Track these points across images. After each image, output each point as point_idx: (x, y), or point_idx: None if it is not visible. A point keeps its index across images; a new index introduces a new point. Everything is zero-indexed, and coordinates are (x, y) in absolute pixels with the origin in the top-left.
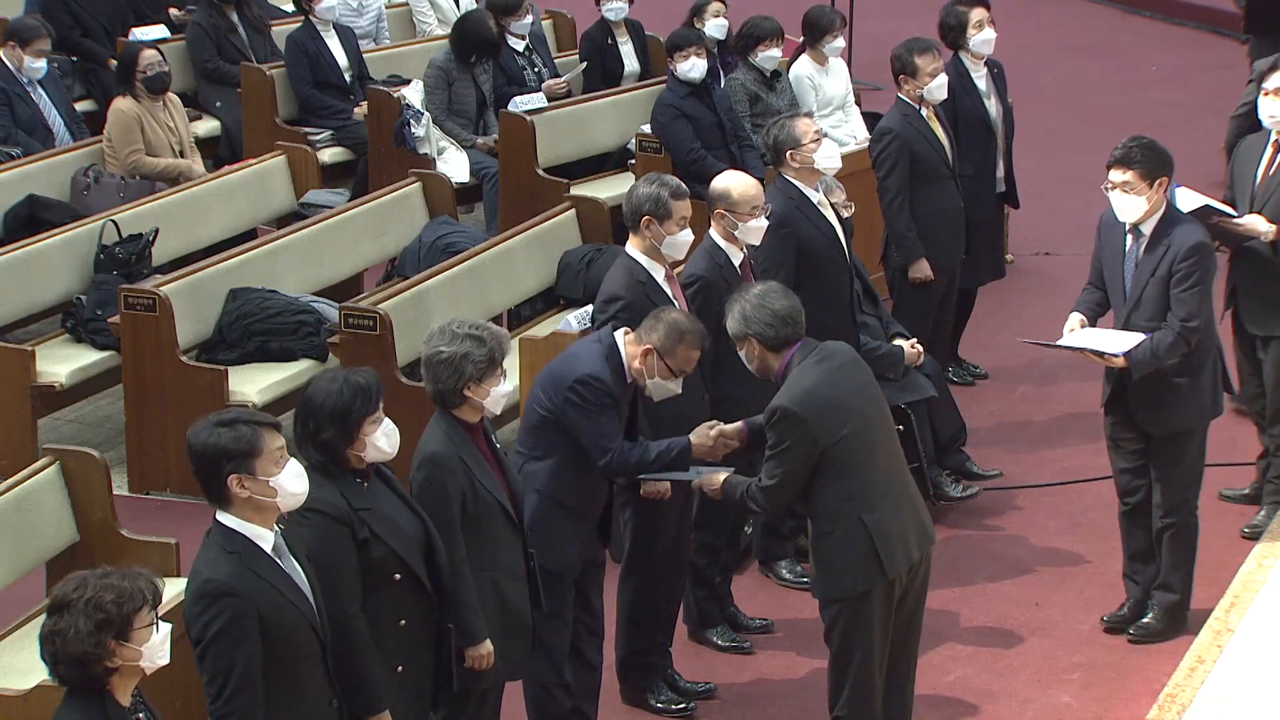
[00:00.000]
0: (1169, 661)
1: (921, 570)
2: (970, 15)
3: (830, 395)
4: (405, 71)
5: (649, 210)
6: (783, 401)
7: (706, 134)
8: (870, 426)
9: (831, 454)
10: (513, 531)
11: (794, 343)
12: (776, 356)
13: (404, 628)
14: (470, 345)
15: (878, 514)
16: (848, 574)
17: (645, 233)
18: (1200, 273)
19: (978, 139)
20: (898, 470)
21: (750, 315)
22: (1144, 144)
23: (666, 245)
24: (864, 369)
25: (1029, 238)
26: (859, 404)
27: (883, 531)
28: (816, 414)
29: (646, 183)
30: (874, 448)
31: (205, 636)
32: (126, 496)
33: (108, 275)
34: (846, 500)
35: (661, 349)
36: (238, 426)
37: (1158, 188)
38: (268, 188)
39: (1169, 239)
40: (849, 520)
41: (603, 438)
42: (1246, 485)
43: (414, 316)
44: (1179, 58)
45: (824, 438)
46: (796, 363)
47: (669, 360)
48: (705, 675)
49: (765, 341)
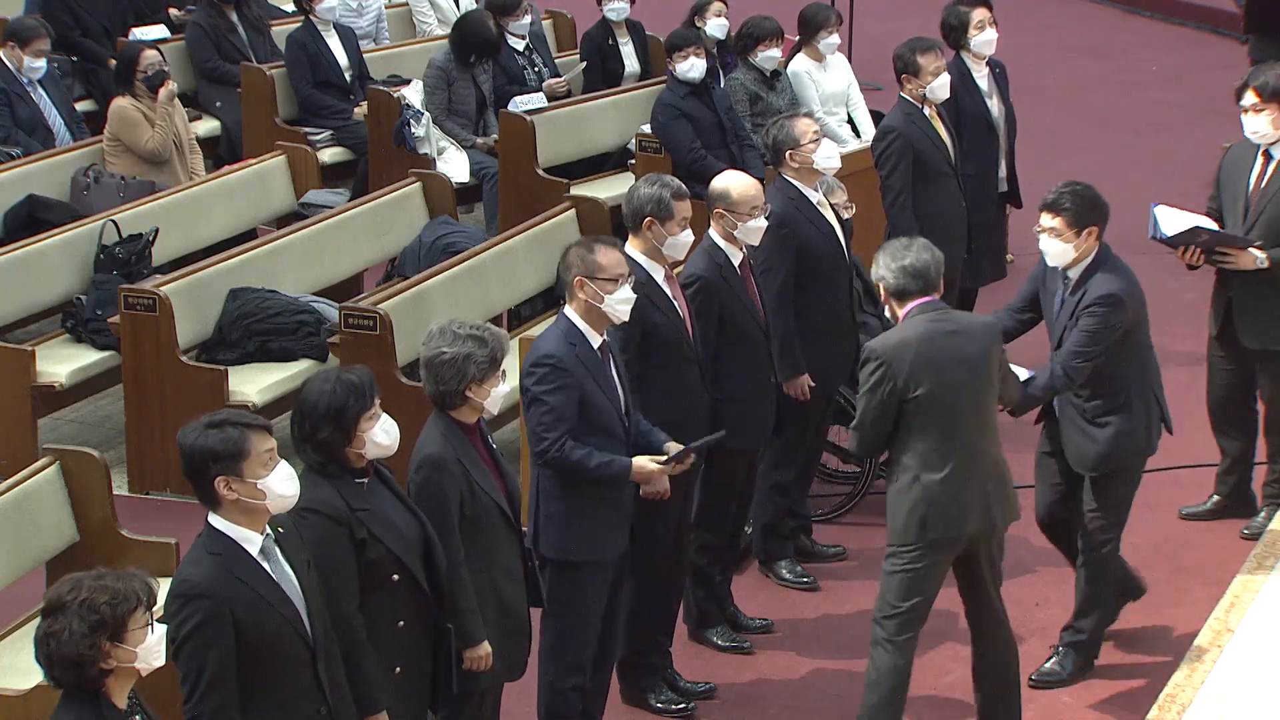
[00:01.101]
0: (1170, 661)
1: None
2: (972, 16)
3: (921, 351)
4: (405, 71)
5: (651, 211)
6: (873, 343)
7: (706, 134)
8: (957, 393)
9: (909, 406)
10: (510, 532)
11: (917, 297)
12: (900, 305)
13: (402, 629)
14: (473, 346)
15: (936, 478)
16: (900, 525)
17: (646, 233)
18: (1099, 320)
19: (980, 139)
20: (984, 445)
21: (884, 261)
22: (1076, 190)
23: (668, 246)
24: (980, 342)
25: (1030, 238)
26: (951, 368)
27: (934, 495)
28: (899, 362)
29: (648, 183)
30: (958, 416)
31: (178, 637)
32: (126, 496)
33: (108, 275)
34: (915, 458)
35: (586, 271)
36: (226, 428)
37: (1086, 235)
38: (268, 188)
39: (1087, 286)
40: (909, 477)
41: (543, 425)
42: (1208, 500)
43: (414, 316)
44: (1179, 58)
45: (904, 385)
46: (913, 315)
47: (599, 275)
48: (705, 675)
49: (888, 288)
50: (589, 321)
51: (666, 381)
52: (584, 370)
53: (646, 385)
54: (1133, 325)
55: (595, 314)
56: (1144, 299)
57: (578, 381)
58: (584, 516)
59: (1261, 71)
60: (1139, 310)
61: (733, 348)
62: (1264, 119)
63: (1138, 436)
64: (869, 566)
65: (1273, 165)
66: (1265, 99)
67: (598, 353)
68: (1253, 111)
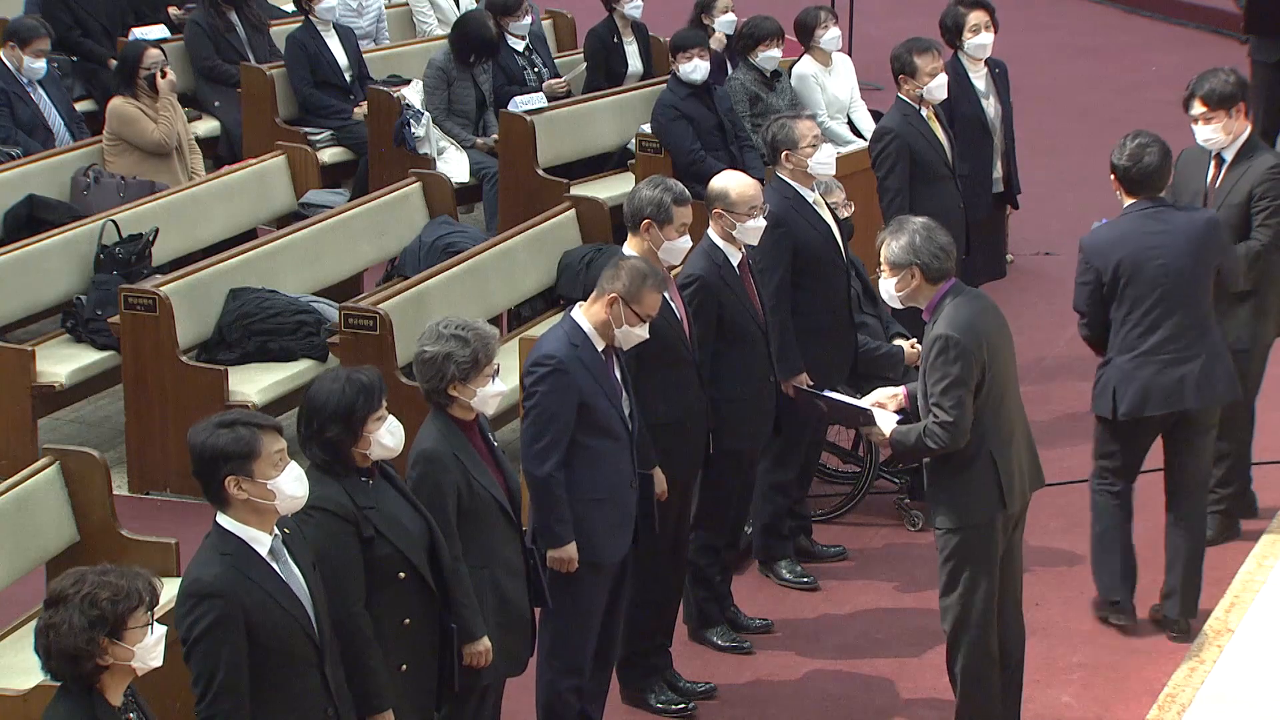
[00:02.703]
0: (1169, 661)
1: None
2: (968, 18)
3: (982, 332)
4: (405, 71)
5: (650, 214)
6: (949, 330)
7: (707, 135)
8: (1006, 368)
9: (977, 390)
10: (510, 528)
11: (948, 278)
12: (932, 289)
13: (408, 626)
14: (454, 345)
15: (1005, 450)
16: (973, 504)
17: (644, 235)
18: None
19: (974, 139)
20: (1019, 412)
21: (919, 245)
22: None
23: (664, 250)
24: (1001, 314)
25: (1029, 238)
26: (1000, 345)
27: (1008, 468)
28: (976, 345)
29: (650, 186)
30: (1006, 389)
31: (190, 637)
32: (126, 496)
33: (108, 275)
34: (980, 436)
35: (627, 295)
36: (237, 428)
37: (1236, 113)
38: (268, 188)
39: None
40: (980, 454)
41: (535, 426)
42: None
43: (414, 316)
44: (1179, 58)
45: (980, 370)
46: (950, 299)
47: (635, 306)
48: (705, 675)
49: (928, 272)
50: (598, 330)
51: (664, 383)
52: (585, 371)
53: (643, 386)
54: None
55: (607, 330)
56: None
57: (576, 383)
58: (583, 517)
59: (1206, 80)
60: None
61: (731, 347)
62: (1214, 127)
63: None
64: (869, 566)
65: (1224, 169)
66: (1213, 107)
67: (601, 355)
68: (1202, 120)
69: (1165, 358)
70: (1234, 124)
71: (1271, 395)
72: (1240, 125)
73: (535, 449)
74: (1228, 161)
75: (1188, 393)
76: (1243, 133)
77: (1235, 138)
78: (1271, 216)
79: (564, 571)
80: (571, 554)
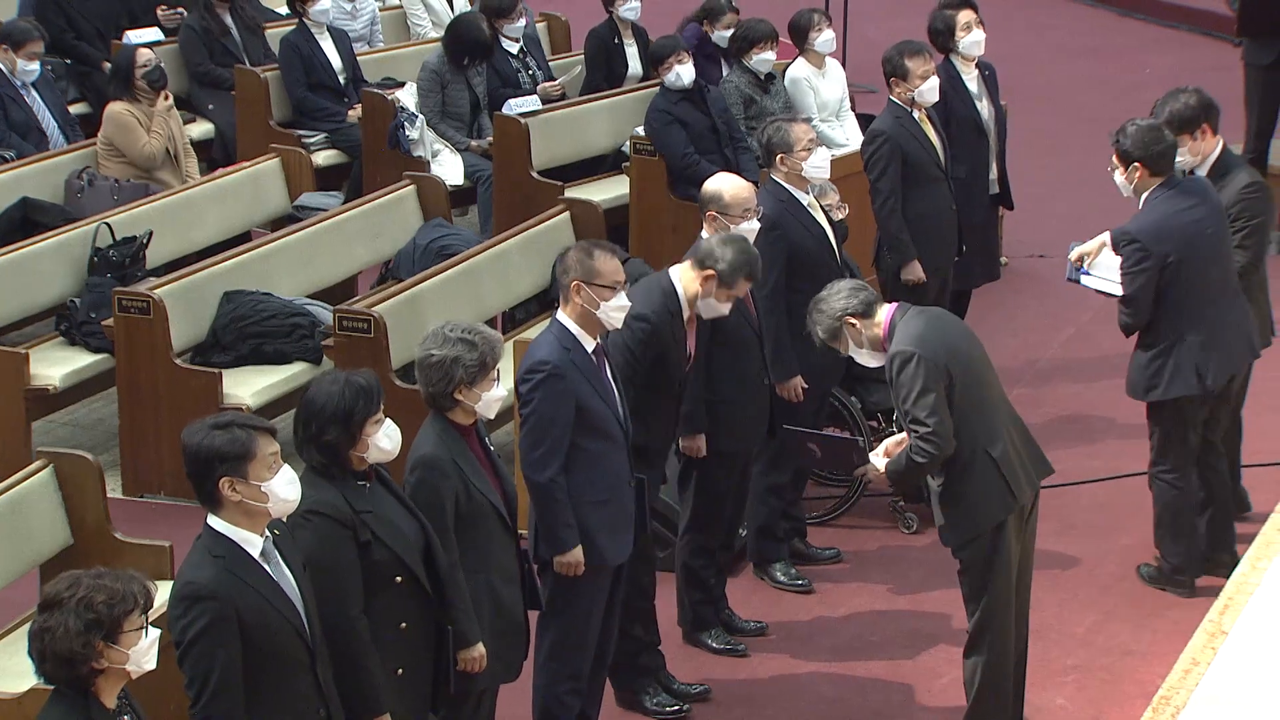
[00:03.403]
0: (1163, 663)
1: (1035, 503)
2: (958, 18)
3: (937, 339)
4: (399, 74)
5: (712, 265)
6: (898, 347)
7: (701, 138)
8: (978, 366)
9: (949, 394)
10: (507, 534)
11: (880, 304)
12: (876, 323)
13: (404, 630)
14: (462, 349)
15: (1000, 447)
16: (982, 508)
17: (698, 281)
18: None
19: (970, 141)
20: (1005, 403)
21: (833, 307)
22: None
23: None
24: (956, 318)
25: (1023, 240)
26: (964, 346)
27: (1008, 462)
28: (932, 352)
29: (729, 244)
30: (985, 386)
31: (184, 639)
32: (120, 499)
33: (101, 278)
34: (971, 439)
35: (583, 277)
36: (232, 429)
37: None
38: (262, 190)
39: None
40: (976, 456)
41: (534, 433)
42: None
43: (408, 319)
44: (1172, 60)
45: (950, 380)
46: (899, 318)
47: (596, 280)
48: (699, 677)
49: (858, 313)
50: (583, 326)
51: (653, 409)
52: (579, 375)
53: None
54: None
55: (590, 319)
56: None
57: (572, 387)
58: (584, 520)
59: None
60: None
61: (725, 350)
62: (1180, 150)
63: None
64: (863, 569)
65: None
66: (1175, 131)
67: (592, 357)
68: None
69: (1233, 318)
70: (1200, 145)
71: (1259, 400)
72: (1208, 145)
73: (535, 456)
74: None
75: (1254, 341)
76: (1212, 151)
77: (1204, 157)
78: (1249, 236)
79: (570, 575)
80: (578, 558)
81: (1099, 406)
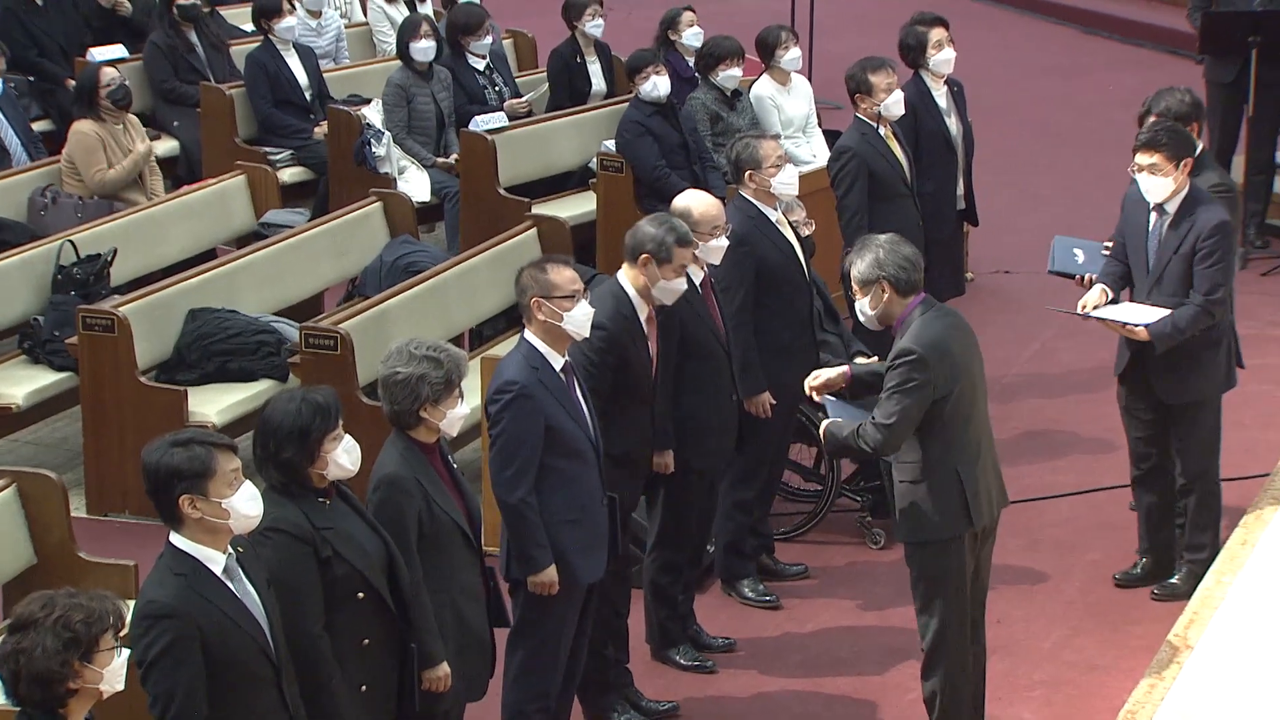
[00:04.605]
0: (1129, 678)
1: (994, 530)
2: (930, 35)
3: (951, 349)
4: (365, 91)
5: (651, 250)
6: (913, 344)
7: (671, 153)
8: (974, 385)
9: (941, 406)
10: (470, 552)
11: (918, 291)
12: (902, 303)
13: (367, 647)
14: (427, 367)
15: (971, 468)
16: (938, 519)
17: (641, 270)
18: (1223, 250)
19: (939, 157)
20: (987, 432)
21: (884, 260)
22: (1169, 127)
23: (659, 289)
24: (972, 331)
25: (988, 256)
26: (969, 363)
27: (974, 484)
28: (939, 362)
29: (654, 223)
30: (973, 406)
31: (147, 658)
32: (85, 519)
33: (65, 296)
34: (946, 452)
35: (541, 292)
36: (192, 447)
37: (1183, 169)
38: (227, 207)
39: (1193, 218)
40: (945, 471)
41: (504, 454)
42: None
43: (375, 336)
44: (1137, 77)
45: (941, 387)
46: (919, 313)
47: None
48: (668, 694)
49: (897, 285)
50: (550, 343)
51: (626, 417)
52: (548, 394)
53: (604, 419)
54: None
55: (555, 334)
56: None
57: (540, 406)
58: (556, 539)
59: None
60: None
61: (694, 366)
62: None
63: (1220, 369)
64: (831, 585)
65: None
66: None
67: (560, 375)
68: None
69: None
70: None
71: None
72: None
73: (505, 476)
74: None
75: None
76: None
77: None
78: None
79: (545, 595)
80: (551, 578)
81: (1064, 421)
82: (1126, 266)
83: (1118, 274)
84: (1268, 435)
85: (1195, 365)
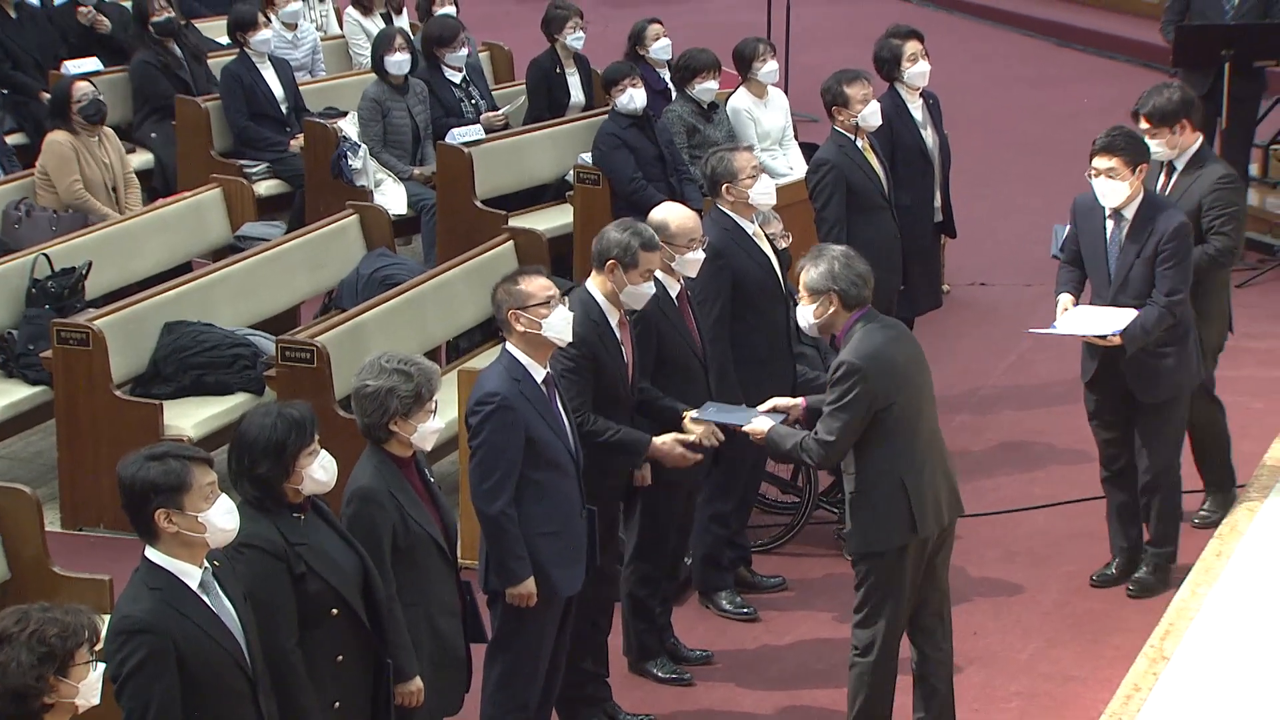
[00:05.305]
0: (1106, 689)
1: (949, 537)
2: (905, 48)
3: (892, 360)
4: (342, 103)
5: (616, 255)
6: (851, 357)
7: (647, 166)
8: (919, 395)
9: (883, 417)
10: (445, 566)
11: (863, 306)
12: (846, 315)
13: (341, 663)
14: (397, 380)
15: (916, 478)
16: (885, 530)
17: (609, 276)
18: (1184, 252)
19: (915, 169)
20: (936, 439)
21: (839, 273)
22: (1126, 133)
23: (626, 294)
24: (916, 342)
25: (965, 268)
26: (912, 373)
27: (920, 494)
28: (879, 373)
29: (619, 228)
30: (919, 416)
31: (121, 673)
32: (59, 533)
33: (40, 309)
34: (890, 462)
35: (516, 304)
36: (167, 461)
37: (1138, 174)
38: (203, 220)
39: (1153, 223)
40: (890, 481)
41: (484, 465)
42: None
43: (352, 349)
44: (1111, 90)
45: (881, 398)
46: (861, 326)
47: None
48: (646, 707)
49: (845, 299)
50: (531, 354)
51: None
52: (529, 406)
53: None
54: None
55: (537, 343)
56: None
57: (521, 418)
58: (535, 551)
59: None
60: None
61: (671, 379)
62: (1158, 143)
63: (1190, 364)
64: (809, 597)
65: (1175, 176)
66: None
67: (542, 387)
68: (1148, 136)
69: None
70: (1178, 139)
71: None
72: (1187, 139)
73: (485, 488)
74: (1179, 170)
75: None
76: (1191, 145)
77: (1182, 151)
78: (1227, 224)
79: (523, 607)
80: (530, 590)
81: (1040, 433)
82: (1081, 271)
83: (1077, 280)
84: (1241, 446)
85: (1168, 362)
